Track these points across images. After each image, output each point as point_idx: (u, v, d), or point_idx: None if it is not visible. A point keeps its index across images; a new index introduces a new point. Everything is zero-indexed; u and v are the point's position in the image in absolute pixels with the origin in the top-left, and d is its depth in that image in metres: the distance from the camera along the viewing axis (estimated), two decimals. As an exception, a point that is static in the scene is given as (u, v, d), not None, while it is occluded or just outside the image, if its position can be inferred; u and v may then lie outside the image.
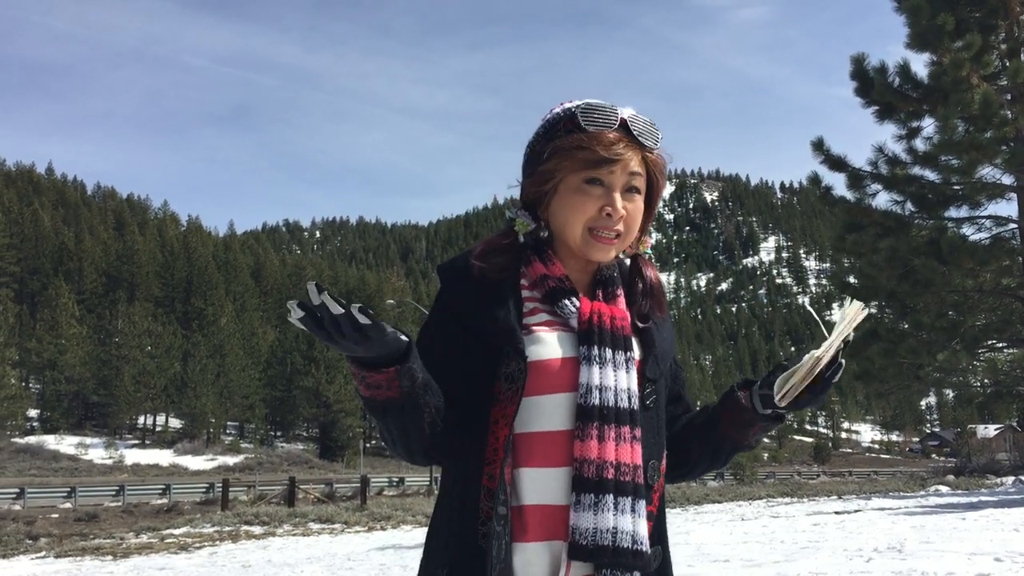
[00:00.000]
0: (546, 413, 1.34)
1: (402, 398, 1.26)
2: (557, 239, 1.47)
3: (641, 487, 1.34)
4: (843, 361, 1.38)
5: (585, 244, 1.43)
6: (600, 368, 1.35)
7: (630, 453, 1.34)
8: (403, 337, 1.24)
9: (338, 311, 1.16)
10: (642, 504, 1.34)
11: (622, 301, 1.47)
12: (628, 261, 1.55)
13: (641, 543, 1.31)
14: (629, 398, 1.36)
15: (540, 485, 1.33)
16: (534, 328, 1.39)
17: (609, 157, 1.40)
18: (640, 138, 1.43)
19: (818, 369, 1.35)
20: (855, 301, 1.37)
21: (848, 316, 1.36)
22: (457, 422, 1.35)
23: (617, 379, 1.36)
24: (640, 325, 1.48)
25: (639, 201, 1.45)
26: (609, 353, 1.37)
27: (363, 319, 1.17)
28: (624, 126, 1.43)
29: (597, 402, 1.33)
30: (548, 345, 1.37)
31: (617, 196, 1.41)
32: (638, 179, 1.44)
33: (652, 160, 1.46)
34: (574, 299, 1.42)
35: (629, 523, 1.31)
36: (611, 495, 1.30)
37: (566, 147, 1.42)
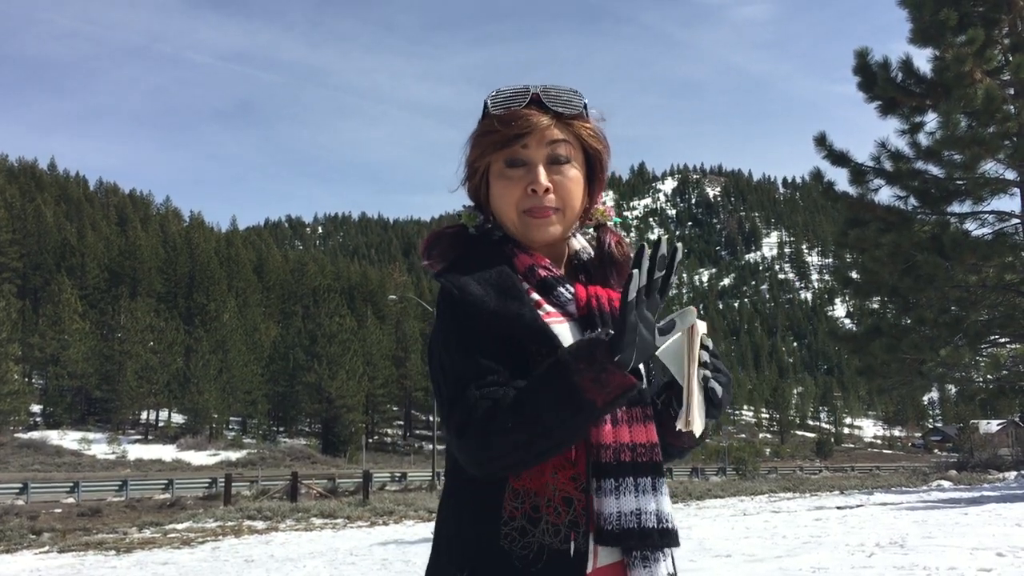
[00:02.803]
0: None
1: (603, 409, 1.22)
2: (507, 231, 1.43)
3: (660, 464, 1.34)
4: (709, 376, 1.33)
5: (523, 227, 1.38)
6: None
7: (645, 432, 1.33)
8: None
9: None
10: (662, 481, 1.33)
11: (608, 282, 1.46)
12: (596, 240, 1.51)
13: (667, 521, 1.31)
14: (637, 377, 1.34)
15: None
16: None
17: (516, 132, 1.35)
18: (554, 107, 1.38)
19: (697, 392, 1.30)
20: (690, 314, 1.30)
21: (691, 337, 1.30)
22: None
23: None
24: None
25: (570, 170, 1.39)
26: None
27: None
28: (537, 101, 1.38)
29: None
30: (562, 338, 1.32)
31: (540, 171, 1.36)
32: (562, 147, 1.38)
33: (578, 126, 1.40)
34: (567, 286, 1.39)
35: (652, 503, 1.30)
36: (630, 477, 1.29)
37: (479, 134, 1.40)
